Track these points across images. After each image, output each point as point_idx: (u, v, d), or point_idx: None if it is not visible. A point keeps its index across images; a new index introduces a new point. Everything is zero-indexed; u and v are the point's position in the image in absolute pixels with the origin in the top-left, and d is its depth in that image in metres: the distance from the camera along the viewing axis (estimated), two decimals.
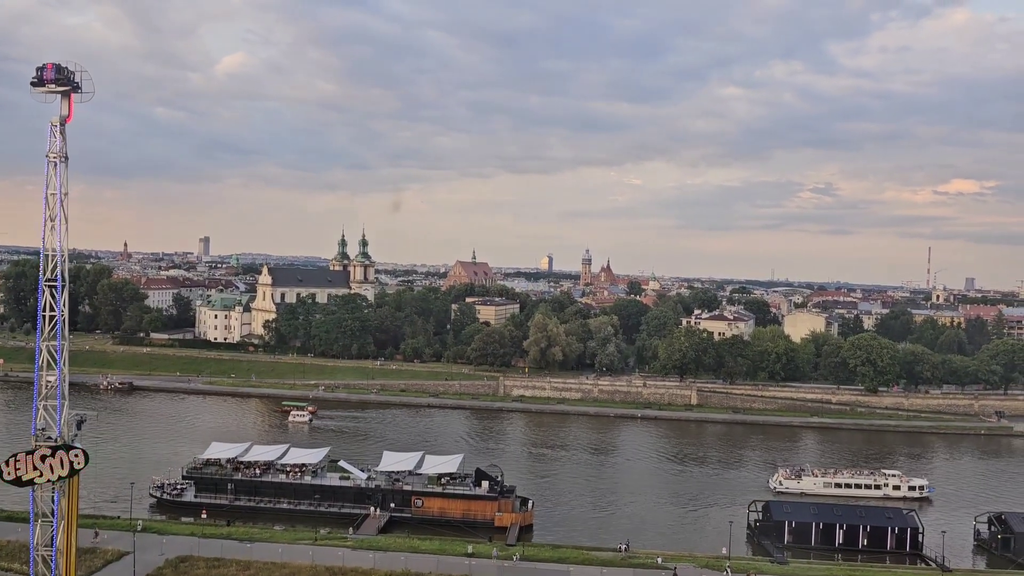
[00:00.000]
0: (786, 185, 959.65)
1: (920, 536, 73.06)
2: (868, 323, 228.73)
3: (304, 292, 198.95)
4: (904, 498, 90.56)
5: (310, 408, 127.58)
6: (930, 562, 69.47)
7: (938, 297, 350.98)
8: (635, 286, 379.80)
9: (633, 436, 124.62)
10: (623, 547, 67.55)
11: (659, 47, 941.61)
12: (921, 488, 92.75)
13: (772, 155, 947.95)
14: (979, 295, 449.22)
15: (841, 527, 73.69)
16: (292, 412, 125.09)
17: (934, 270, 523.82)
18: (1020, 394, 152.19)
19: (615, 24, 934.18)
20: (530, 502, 78.50)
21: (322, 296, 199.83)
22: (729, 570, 61.29)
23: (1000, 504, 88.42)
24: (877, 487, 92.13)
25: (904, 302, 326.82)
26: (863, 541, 73.12)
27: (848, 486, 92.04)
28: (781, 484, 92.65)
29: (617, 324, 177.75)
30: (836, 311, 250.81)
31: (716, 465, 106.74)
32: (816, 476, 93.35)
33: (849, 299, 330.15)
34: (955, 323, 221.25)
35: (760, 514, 76.89)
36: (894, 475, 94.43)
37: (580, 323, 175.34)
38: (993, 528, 75.42)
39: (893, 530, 73.38)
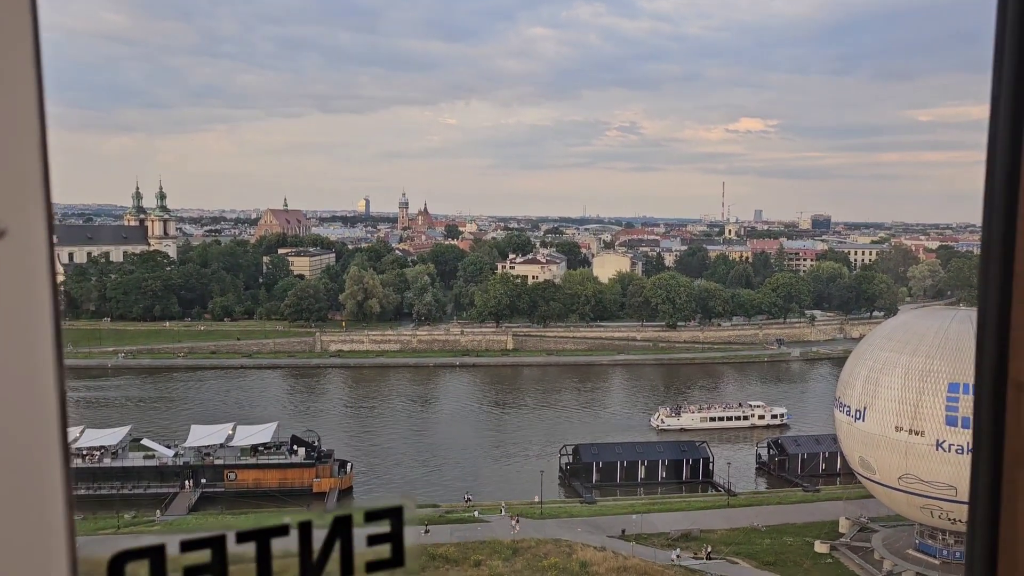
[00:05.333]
0: (594, 124, 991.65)
1: (711, 465, 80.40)
2: (669, 260, 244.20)
3: (96, 251, 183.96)
4: (768, 425, 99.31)
5: None
6: (720, 488, 76.85)
7: (730, 231, 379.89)
8: (452, 229, 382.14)
9: (454, 385, 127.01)
10: (467, 498, 69.86)
11: None
12: (781, 415, 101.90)
13: (581, 95, 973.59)
14: (766, 227, 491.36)
15: (643, 463, 79.56)
16: None
17: (728, 203, 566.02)
18: (796, 322, 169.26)
19: None
20: (349, 465, 78.47)
21: (117, 254, 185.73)
22: (504, 510, 65.28)
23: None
24: (745, 418, 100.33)
25: (701, 237, 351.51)
26: (662, 474, 79.45)
27: (721, 419, 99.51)
28: (663, 422, 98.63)
29: (434, 272, 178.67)
30: (641, 249, 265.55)
31: (535, 409, 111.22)
32: (693, 412, 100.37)
33: (653, 237, 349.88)
34: (743, 257, 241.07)
35: (571, 457, 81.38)
36: (759, 406, 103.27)
37: (397, 273, 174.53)
38: (771, 452, 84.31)
39: (688, 461, 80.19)
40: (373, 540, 1.46)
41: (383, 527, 1.48)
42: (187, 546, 1.35)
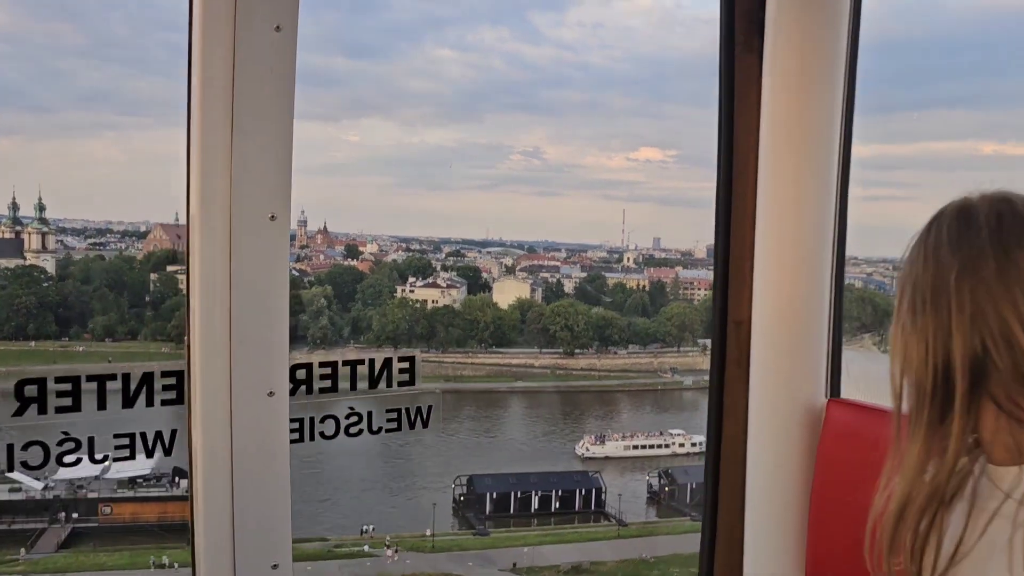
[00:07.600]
0: (498, 147, 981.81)
1: (603, 495, 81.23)
2: (569, 286, 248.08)
3: None
4: (688, 453, 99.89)
5: None
6: (611, 518, 77.75)
7: (629, 259, 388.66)
8: (353, 249, 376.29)
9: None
10: (370, 529, 67.98)
11: (374, 2, 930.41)
12: (701, 443, 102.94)
13: (484, 118, 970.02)
14: (663, 254, 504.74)
15: (536, 494, 79.53)
16: None
17: (628, 230, 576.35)
18: (689, 351, 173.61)
19: None
20: None
21: None
22: (388, 544, 64.50)
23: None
24: (667, 446, 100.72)
25: (600, 264, 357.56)
26: (556, 504, 79.68)
27: (645, 447, 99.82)
28: (588, 450, 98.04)
29: (331, 294, 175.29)
30: (541, 275, 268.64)
31: (437, 437, 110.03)
32: (617, 440, 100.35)
33: (554, 262, 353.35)
34: (640, 286, 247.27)
35: (464, 488, 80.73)
36: (679, 434, 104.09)
37: (292, 295, 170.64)
38: (662, 481, 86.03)
39: (580, 492, 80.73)
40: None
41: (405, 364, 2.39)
42: None
